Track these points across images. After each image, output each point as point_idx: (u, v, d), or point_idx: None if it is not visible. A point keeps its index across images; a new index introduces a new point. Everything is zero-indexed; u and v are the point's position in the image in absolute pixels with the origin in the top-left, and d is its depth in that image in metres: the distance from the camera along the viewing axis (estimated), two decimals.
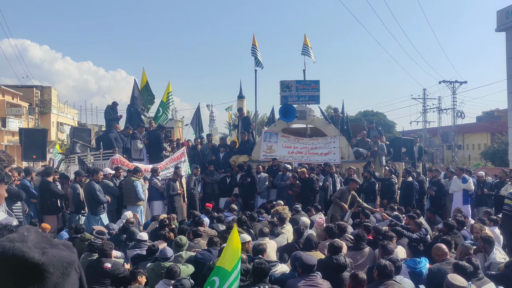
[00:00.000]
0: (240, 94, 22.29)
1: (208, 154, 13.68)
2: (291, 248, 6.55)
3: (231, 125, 21.60)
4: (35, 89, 39.56)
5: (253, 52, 15.77)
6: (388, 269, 4.45)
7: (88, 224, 9.25)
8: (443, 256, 5.54)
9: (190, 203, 11.62)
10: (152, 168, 11.17)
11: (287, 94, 14.36)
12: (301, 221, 7.75)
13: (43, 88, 40.97)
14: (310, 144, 13.76)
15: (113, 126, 12.91)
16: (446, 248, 5.67)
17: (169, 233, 7.00)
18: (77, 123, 45.12)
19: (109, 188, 9.77)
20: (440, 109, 42.94)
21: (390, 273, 4.44)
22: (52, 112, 40.50)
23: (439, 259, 5.54)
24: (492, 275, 5.18)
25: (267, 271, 4.49)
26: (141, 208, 10.02)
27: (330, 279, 4.80)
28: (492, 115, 46.95)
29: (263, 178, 12.21)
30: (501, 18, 29.05)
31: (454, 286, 4.07)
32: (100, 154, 12.21)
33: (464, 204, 11.15)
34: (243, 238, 6.40)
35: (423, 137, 41.90)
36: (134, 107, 14.49)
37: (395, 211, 9.46)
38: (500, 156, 33.92)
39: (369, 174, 11.75)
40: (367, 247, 6.17)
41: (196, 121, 16.35)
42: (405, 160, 14.30)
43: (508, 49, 29.00)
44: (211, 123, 45.13)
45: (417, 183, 11.77)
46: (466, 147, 48.72)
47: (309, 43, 15.79)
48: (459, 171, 11.84)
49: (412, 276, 5.35)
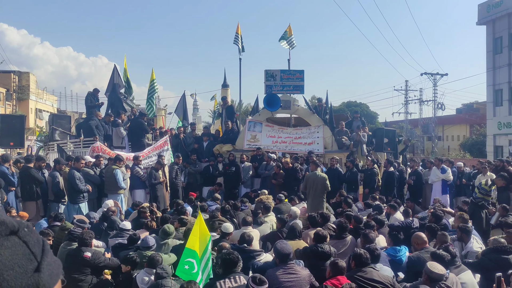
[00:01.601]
0: (225, 82, 22.15)
1: (192, 143, 13.59)
2: (274, 237, 6.58)
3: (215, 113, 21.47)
4: (13, 74, 38.57)
5: (235, 41, 15.65)
6: (364, 257, 4.50)
7: (68, 213, 9.12)
8: (423, 244, 5.64)
9: (173, 192, 11.55)
10: (134, 156, 11.03)
11: (272, 83, 14.33)
12: (292, 211, 7.78)
13: (21, 73, 39.96)
14: (294, 133, 13.80)
15: (94, 113, 12.68)
16: (426, 237, 5.78)
17: (151, 222, 6.96)
18: (56, 110, 44.25)
19: (89, 177, 9.63)
20: (421, 101, 43.57)
21: (366, 261, 4.50)
22: (30, 98, 39.58)
23: (418, 247, 5.64)
24: (469, 263, 5.30)
25: (236, 262, 4.45)
26: (121, 197, 9.92)
27: (314, 267, 4.84)
28: (471, 107, 47.79)
29: (247, 167, 12.21)
30: (482, 11, 29.46)
31: (433, 273, 4.16)
32: (80, 142, 12.01)
33: (443, 194, 11.37)
34: (226, 228, 6.40)
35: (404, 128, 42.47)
36: (116, 94, 14.25)
37: (377, 201, 9.58)
38: (478, 147, 34.66)
39: (351, 164, 11.86)
40: (349, 236, 6.24)
41: (182, 109, 16.19)
42: (387, 151, 14.47)
43: (488, 42, 29.48)
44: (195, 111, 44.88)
45: (398, 173, 11.93)
46: (446, 138, 49.59)
47: (292, 33, 15.68)
48: (438, 161, 12.05)
49: (392, 264, 5.46)
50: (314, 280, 4.64)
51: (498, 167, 11.25)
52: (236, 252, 4.71)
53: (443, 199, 10.88)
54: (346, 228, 6.23)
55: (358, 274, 4.39)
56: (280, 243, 4.91)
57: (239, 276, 4.37)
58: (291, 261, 4.68)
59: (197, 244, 4.62)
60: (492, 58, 28.99)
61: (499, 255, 5.17)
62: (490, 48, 29.19)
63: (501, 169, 10.78)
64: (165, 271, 4.58)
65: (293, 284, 4.47)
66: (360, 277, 4.36)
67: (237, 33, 15.66)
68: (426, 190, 11.95)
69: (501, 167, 11.12)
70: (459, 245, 6.41)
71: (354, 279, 4.32)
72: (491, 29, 29.13)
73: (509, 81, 27.48)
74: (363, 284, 4.30)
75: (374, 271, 4.48)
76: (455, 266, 4.84)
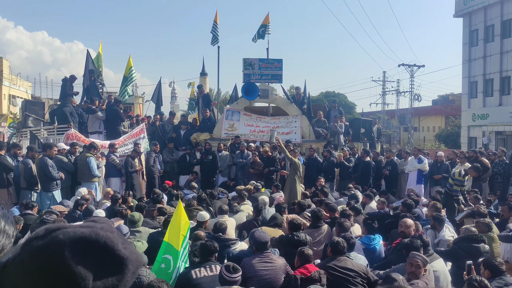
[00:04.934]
0: (203, 71, 21.85)
1: (170, 131, 13.42)
2: (250, 226, 6.58)
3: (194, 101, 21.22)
4: None
5: (213, 30, 15.39)
6: (341, 245, 4.54)
7: (41, 201, 8.92)
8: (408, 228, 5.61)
9: (149, 180, 11.41)
10: (110, 144, 10.83)
11: (250, 72, 14.24)
12: (260, 199, 7.79)
13: None
14: (272, 123, 13.79)
15: (68, 100, 12.37)
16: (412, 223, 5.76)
17: (126, 210, 6.86)
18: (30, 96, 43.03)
19: (62, 164, 9.40)
20: (398, 92, 44.11)
21: (343, 249, 4.54)
22: (3, 84, 38.35)
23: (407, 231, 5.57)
24: (441, 251, 5.40)
25: (212, 250, 4.45)
26: (96, 185, 9.74)
27: (290, 256, 4.86)
28: (447, 99, 48.65)
29: (224, 156, 12.14)
30: (459, 4, 29.87)
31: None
32: (54, 129, 11.72)
33: (417, 184, 11.56)
34: (202, 216, 6.36)
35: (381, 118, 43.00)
36: (91, 80, 13.94)
37: (352, 190, 9.69)
38: (453, 138, 35.38)
39: (328, 154, 11.93)
40: (324, 224, 6.28)
41: (157, 96, 15.92)
42: (364, 141, 14.61)
43: (464, 34, 29.97)
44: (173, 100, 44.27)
45: (374, 163, 12.05)
46: (422, 129, 50.46)
47: (269, 21, 15.52)
48: (417, 151, 12.25)
49: (366, 253, 5.53)
50: (290, 269, 4.66)
51: (471, 158, 11.53)
52: (214, 241, 4.69)
53: (417, 189, 11.06)
54: (320, 217, 6.27)
55: (332, 263, 4.42)
56: (258, 232, 4.91)
57: (214, 265, 4.35)
58: (267, 250, 4.69)
59: (176, 236, 4.56)
60: (468, 51, 29.49)
61: (470, 243, 5.28)
62: (466, 40, 29.68)
63: (474, 160, 11.05)
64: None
65: (269, 273, 4.48)
66: (333, 265, 4.39)
67: (215, 21, 15.42)
68: (401, 180, 12.14)
69: (474, 158, 11.40)
70: (432, 233, 6.54)
71: (327, 268, 4.35)
72: (467, 21, 29.59)
73: (484, 73, 28.05)
74: (335, 272, 4.33)
75: (348, 260, 4.52)
76: (427, 255, 4.91)
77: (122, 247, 0.86)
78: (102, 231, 0.85)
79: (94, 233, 0.84)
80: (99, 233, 0.84)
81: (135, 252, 0.89)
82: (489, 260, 4.44)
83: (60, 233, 0.83)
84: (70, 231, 0.83)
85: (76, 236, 0.83)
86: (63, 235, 0.82)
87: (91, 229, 0.85)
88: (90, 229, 0.85)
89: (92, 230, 0.85)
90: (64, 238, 0.82)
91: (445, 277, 4.87)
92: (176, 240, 4.56)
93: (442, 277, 4.81)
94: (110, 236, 0.85)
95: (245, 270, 4.37)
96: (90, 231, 0.84)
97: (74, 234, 0.83)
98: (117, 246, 0.85)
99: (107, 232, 0.85)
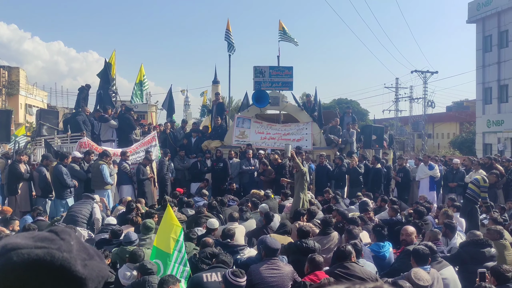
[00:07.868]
0: (215, 79, 21.99)
1: (181, 138, 13.53)
2: (259, 233, 6.58)
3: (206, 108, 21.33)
4: (2, 69, 38.03)
5: (227, 37, 15.52)
6: (347, 251, 4.53)
7: (55, 208, 9.07)
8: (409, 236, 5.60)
9: (162, 187, 11.50)
10: (122, 152, 10.96)
11: (261, 79, 14.30)
12: (260, 207, 7.81)
13: (10, 68, 39.42)
14: (282, 130, 13.80)
15: (81, 109, 12.58)
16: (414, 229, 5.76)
17: (136, 218, 6.93)
18: (46, 105, 43.80)
19: (74, 172, 9.54)
20: (411, 98, 43.79)
21: (349, 255, 4.52)
22: (20, 93, 39.09)
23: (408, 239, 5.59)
24: (447, 257, 5.33)
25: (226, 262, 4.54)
26: (108, 192, 9.84)
27: (298, 263, 4.85)
28: (461, 105, 48.05)
29: (235, 163, 12.18)
30: (472, 9, 29.64)
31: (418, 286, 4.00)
32: (68, 137, 11.91)
33: (430, 191, 11.43)
34: (212, 223, 6.41)
35: (394, 125, 42.68)
36: (105, 90, 14.13)
37: (364, 197, 9.61)
38: (468, 145, 34.89)
39: (340, 161, 11.88)
40: (334, 232, 6.25)
41: (168, 103, 16.04)
42: (375, 147, 14.52)
43: (478, 40, 29.69)
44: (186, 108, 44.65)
45: (386, 169, 11.93)
46: (436, 136, 49.88)
47: (286, 28, 15.60)
48: (427, 158, 12.12)
49: (376, 260, 5.48)
50: (297, 276, 4.66)
51: (485, 165, 11.33)
52: (229, 254, 4.78)
53: (430, 195, 10.94)
54: (330, 223, 6.24)
55: (340, 270, 4.40)
56: (270, 238, 4.95)
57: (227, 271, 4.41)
58: (275, 257, 4.70)
59: (166, 240, 4.63)
60: (482, 56, 29.19)
61: (475, 248, 5.18)
62: (480, 46, 29.39)
63: (488, 167, 10.87)
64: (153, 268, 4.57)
65: (276, 280, 4.49)
66: (342, 273, 4.37)
67: (228, 29, 15.53)
68: (414, 187, 12.02)
69: (488, 165, 11.21)
70: (444, 241, 6.46)
71: (336, 275, 4.33)
72: (481, 27, 29.32)
73: (498, 79, 27.69)
74: (344, 279, 4.31)
75: (357, 267, 4.49)
76: (436, 262, 4.86)
77: (81, 266, 0.85)
78: (57, 252, 0.84)
79: (49, 255, 0.83)
80: (55, 254, 0.84)
81: (97, 268, 0.89)
82: (495, 267, 4.38)
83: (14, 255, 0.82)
84: (24, 253, 0.82)
85: (31, 259, 0.82)
86: (17, 257, 0.82)
87: (47, 251, 0.84)
88: (45, 251, 0.84)
89: (48, 251, 0.84)
90: (18, 260, 0.81)
91: (455, 285, 4.80)
92: (166, 244, 4.63)
93: (452, 285, 4.74)
94: (67, 257, 0.84)
95: (252, 276, 4.38)
96: (45, 253, 0.83)
97: (28, 256, 0.82)
98: (75, 267, 0.84)
99: (63, 253, 0.84)
